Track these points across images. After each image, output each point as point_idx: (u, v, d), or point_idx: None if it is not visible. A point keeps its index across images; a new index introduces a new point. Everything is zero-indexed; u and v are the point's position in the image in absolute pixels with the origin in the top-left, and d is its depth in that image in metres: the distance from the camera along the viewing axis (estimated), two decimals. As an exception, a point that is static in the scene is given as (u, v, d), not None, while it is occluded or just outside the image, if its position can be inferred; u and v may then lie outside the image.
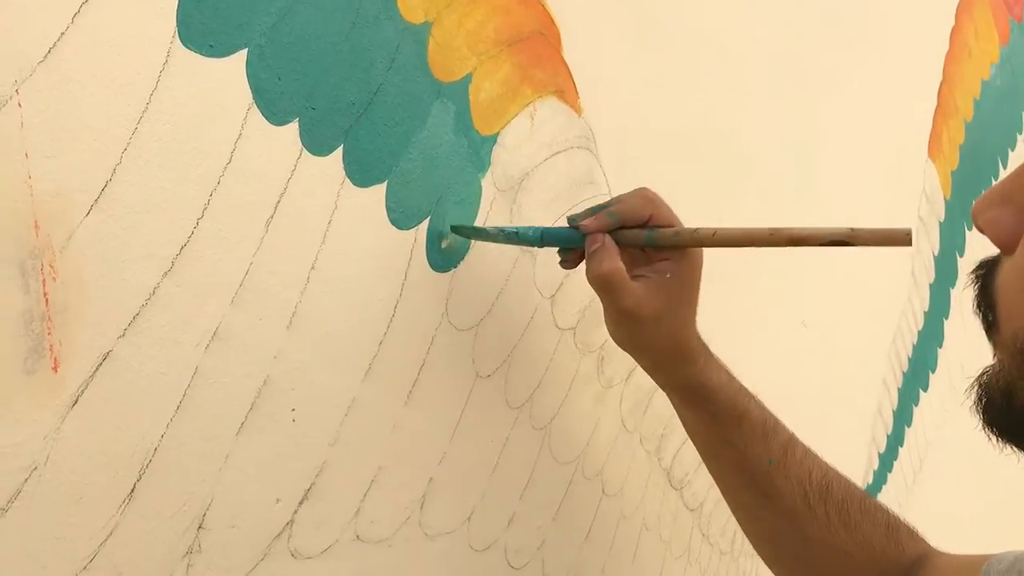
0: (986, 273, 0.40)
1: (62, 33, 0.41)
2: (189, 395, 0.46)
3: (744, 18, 0.83)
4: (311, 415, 0.51)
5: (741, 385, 0.60)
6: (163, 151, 0.44)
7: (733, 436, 0.59)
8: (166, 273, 0.44)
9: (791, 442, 0.61)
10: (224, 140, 0.46)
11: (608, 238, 0.55)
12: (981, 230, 0.38)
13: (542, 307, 0.65)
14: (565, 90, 0.65)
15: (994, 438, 0.39)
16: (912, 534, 0.63)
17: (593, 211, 0.57)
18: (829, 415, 0.97)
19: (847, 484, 0.62)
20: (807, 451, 0.61)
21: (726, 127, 0.82)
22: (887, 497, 1.09)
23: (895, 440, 1.10)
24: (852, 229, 0.50)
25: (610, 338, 0.60)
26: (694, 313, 0.59)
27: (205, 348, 0.46)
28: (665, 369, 0.59)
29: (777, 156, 0.89)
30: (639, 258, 0.57)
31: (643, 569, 0.75)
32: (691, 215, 0.77)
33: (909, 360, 1.12)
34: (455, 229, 0.58)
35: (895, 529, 0.62)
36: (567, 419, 0.67)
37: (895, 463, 1.10)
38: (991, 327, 0.39)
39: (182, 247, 0.45)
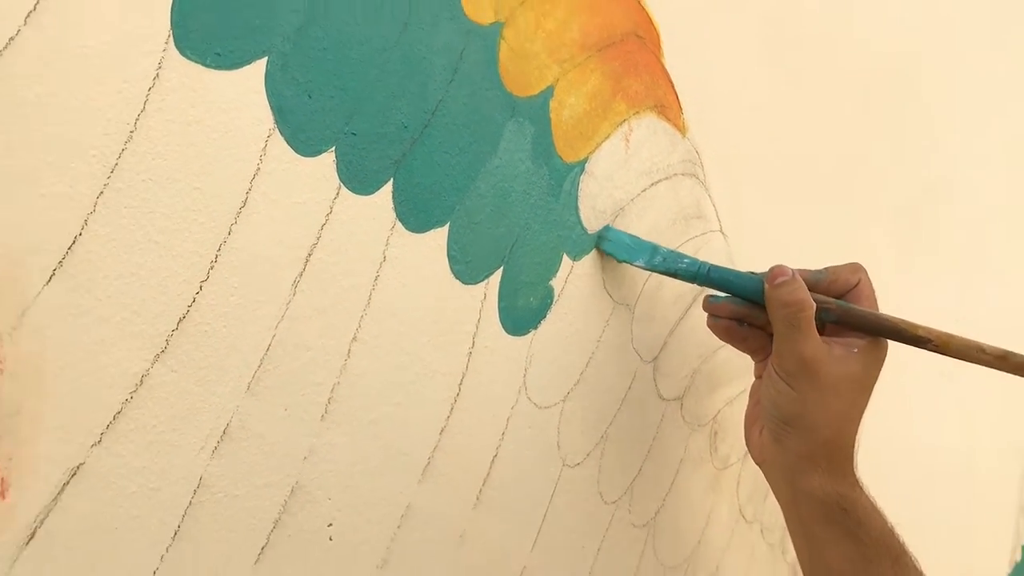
0: None
1: (11, 38, 0.30)
2: (191, 516, 0.34)
3: (877, 25, 0.70)
4: (353, 530, 0.39)
5: (892, 524, 0.47)
6: (153, 193, 0.33)
7: None
8: (159, 355, 0.33)
9: None
10: (237, 177, 0.35)
11: (798, 275, 0.47)
12: None
13: (642, 373, 0.52)
14: (666, 105, 0.53)
15: None
16: None
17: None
18: (972, 478, 0.83)
19: None
20: None
21: (861, 148, 0.69)
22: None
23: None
24: None
25: (724, 409, 0.47)
26: (862, 412, 0.48)
27: (212, 452, 0.35)
28: (816, 467, 0.46)
29: (913, 181, 0.75)
30: (826, 328, 0.48)
31: None
32: (819, 251, 0.64)
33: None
34: (603, 239, 0.48)
35: None
36: (675, 512, 0.54)
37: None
38: None
39: (180, 319, 0.34)
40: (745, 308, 0.48)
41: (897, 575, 0.45)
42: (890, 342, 0.48)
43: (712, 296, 0.49)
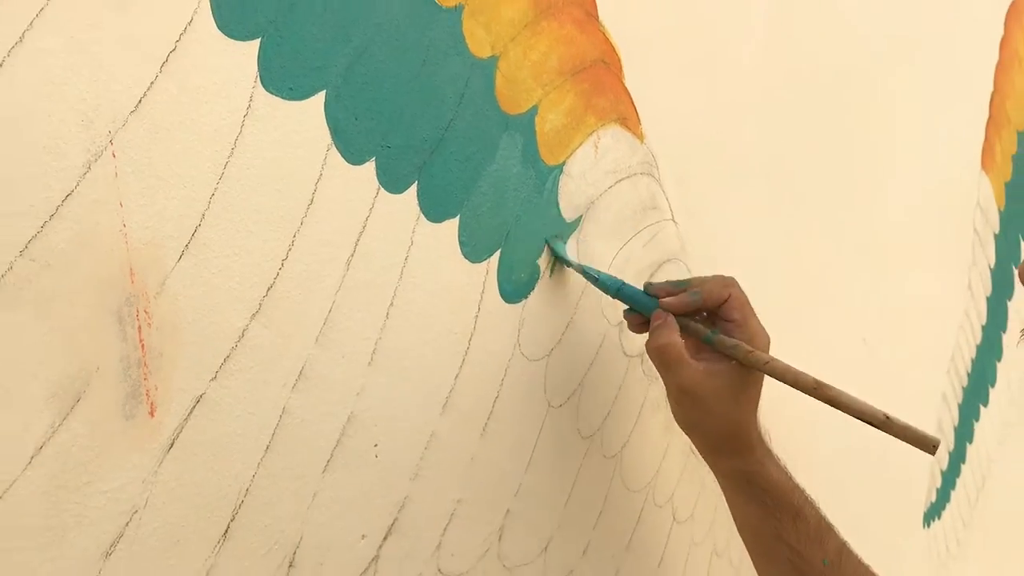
0: None
1: (151, 83, 0.41)
2: (277, 435, 0.46)
3: (799, 41, 0.83)
4: (393, 450, 0.51)
5: (797, 484, 0.60)
6: (248, 195, 0.45)
7: (787, 533, 0.58)
8: (254, 315, 0.45)
9: (845, 547, 0.60)
10: (305, 181, 0.47)
11: (671, 317, 0.56)
12: None
13: (610, 335, 0.65)
14: (627, 117, 0.66)
15: None
16: None
17: (674, 284, 0.58)
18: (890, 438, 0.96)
19: None
20: (860, 559, 0.60)
21: (786, 148, 0.82)
22: (951, 515, 1.07)
23: (957, 457, 1.09)
24: (888, 417, 0.53)
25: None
26: (755, 405, 0.58)
27: (292, 387, 0.47)
28: (721, 454, 0.59)
29: (835, 174, 0.88)
30: (707, 345, 0.58)
31: (714, 595, 0.75)
32: (753, 235, 0.77)
33: (968, 375, 1.10)
34: (552, 248, 0.59)
35: None
36: (637, 447, 0.67)
37: (958, 480, 1.09)
38: None
39: (268, 288, 0.46)
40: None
41: (797, 527, 0.58)
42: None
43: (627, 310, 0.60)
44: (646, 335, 0.58)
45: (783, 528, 0.58)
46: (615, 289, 0.59)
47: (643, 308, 0.59)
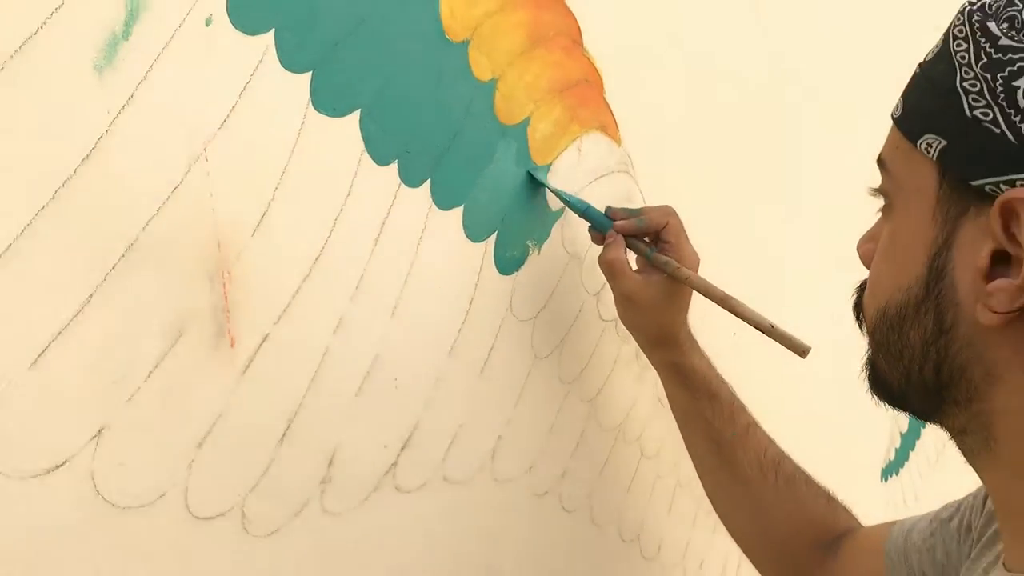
0: (863, 288, 0.56)
1: (232, 107, 0.57)
2: (322, 367, 0.62)
3: (767, 55, 0.97)
4: (409, 384, 0.67)
5: (718, 373, 0.76)
6: (302, 188, 0.60)
7: (705, 410, 0.75)
8: (305, 277, 0.61)
9: (753, 425, 0.76)
10: (344, 178, 0.63)
11: (620, 237, 0.72)
12: (861, 259, 0.55)
13: (588, 303, 0.80)
14: (607, 125, 0.80)
15: (876, 398, 0.55)
16: (847, 510, 0.76)
17: (627, 211, 0.74)
18: (850, 396, 1.09)
19: (796, 464, 0.76)
20: (766, 434, 0.76)
21: (749, 149, 0.96)
22: (909, 472, 1.21)
23: (917, 422, 1.21)
24: (773, 326, 0.69)
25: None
26: (684, 310, 0.75)
27: (333, 332, 0.63)
28: (656, 348, 0.76)
29: (800, 166, 1.02)
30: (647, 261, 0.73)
31: (678, 520, 0.90)
32: (719, 226, 0.91)
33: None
34: (531, 173, 0.73)
35: (833, 503, 0.76)
36: (610, 394, 0.82)
37: (917, 442, 1.22)
38: (861, 323, 0.55)
39: (316, 259, 0.61)
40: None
41: (713, 406, 0.74)
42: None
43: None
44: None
45: (702, 407, 0.75)
46: (582, 209, 0.74)
47: (601, 227, 0.74)
